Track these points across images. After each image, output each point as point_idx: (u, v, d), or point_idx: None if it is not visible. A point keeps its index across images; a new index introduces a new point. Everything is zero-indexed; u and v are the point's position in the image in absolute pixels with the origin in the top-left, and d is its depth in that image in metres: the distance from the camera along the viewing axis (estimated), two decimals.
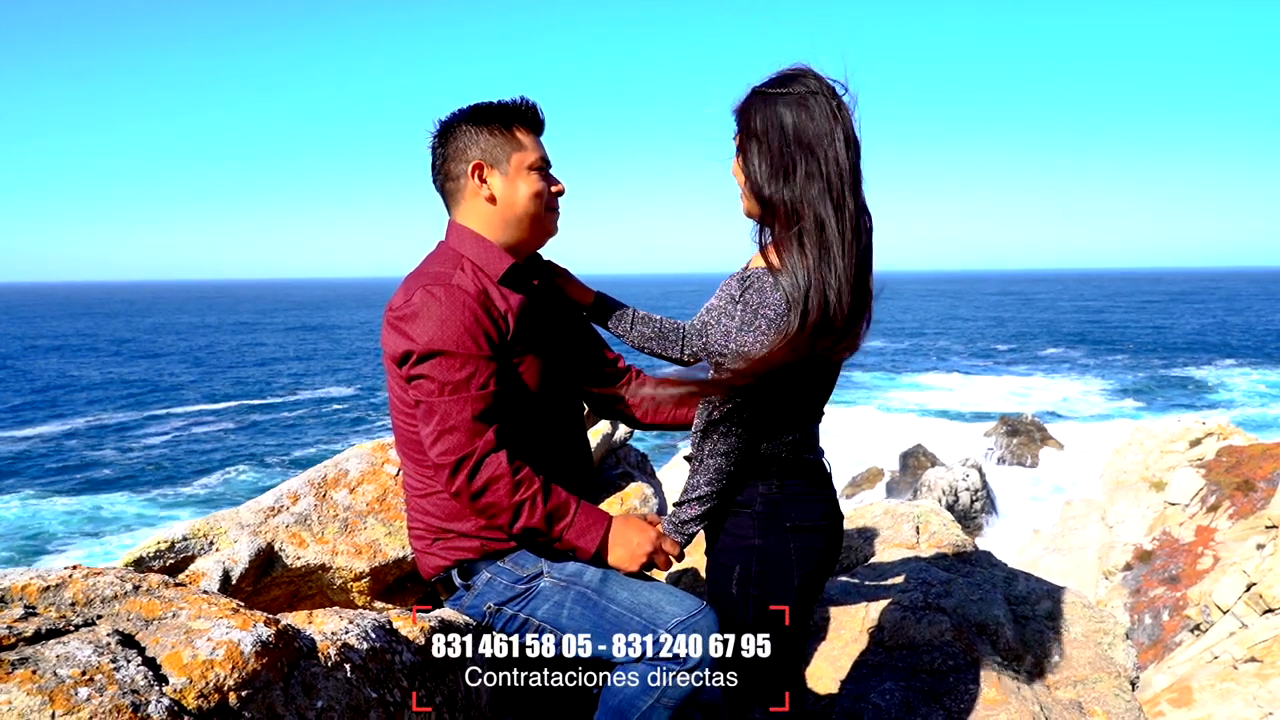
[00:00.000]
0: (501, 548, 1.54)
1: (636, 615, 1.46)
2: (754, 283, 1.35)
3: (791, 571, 1.48)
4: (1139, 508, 16.25)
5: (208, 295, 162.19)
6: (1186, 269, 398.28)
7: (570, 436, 1.64)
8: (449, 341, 1.40)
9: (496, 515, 1.43)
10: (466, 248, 1.52)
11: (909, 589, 2.42)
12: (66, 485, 20.61)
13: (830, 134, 1.34)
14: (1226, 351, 44.87)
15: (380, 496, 1.74)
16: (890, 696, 2.11)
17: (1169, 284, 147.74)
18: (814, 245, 1.33)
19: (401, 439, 1.56)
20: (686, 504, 1.47)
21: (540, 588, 1.51)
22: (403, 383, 1.46)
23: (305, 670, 1.03)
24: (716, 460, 1.42)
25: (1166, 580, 13.34)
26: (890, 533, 2.84)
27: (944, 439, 25.88)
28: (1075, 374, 38.43)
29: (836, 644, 2.34)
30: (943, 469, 21.25)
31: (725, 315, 1.38)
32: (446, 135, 1.54)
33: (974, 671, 2.19)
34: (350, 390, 34.09)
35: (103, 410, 30.26)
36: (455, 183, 1.53)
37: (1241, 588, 10.42)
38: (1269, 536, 11.50)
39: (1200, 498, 14.65)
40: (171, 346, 52.33)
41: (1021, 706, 2.11)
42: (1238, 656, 8.37)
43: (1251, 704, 7.76)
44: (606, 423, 5.16)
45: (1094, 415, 30.20)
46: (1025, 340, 53.11)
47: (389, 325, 1.45)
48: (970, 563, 2.65)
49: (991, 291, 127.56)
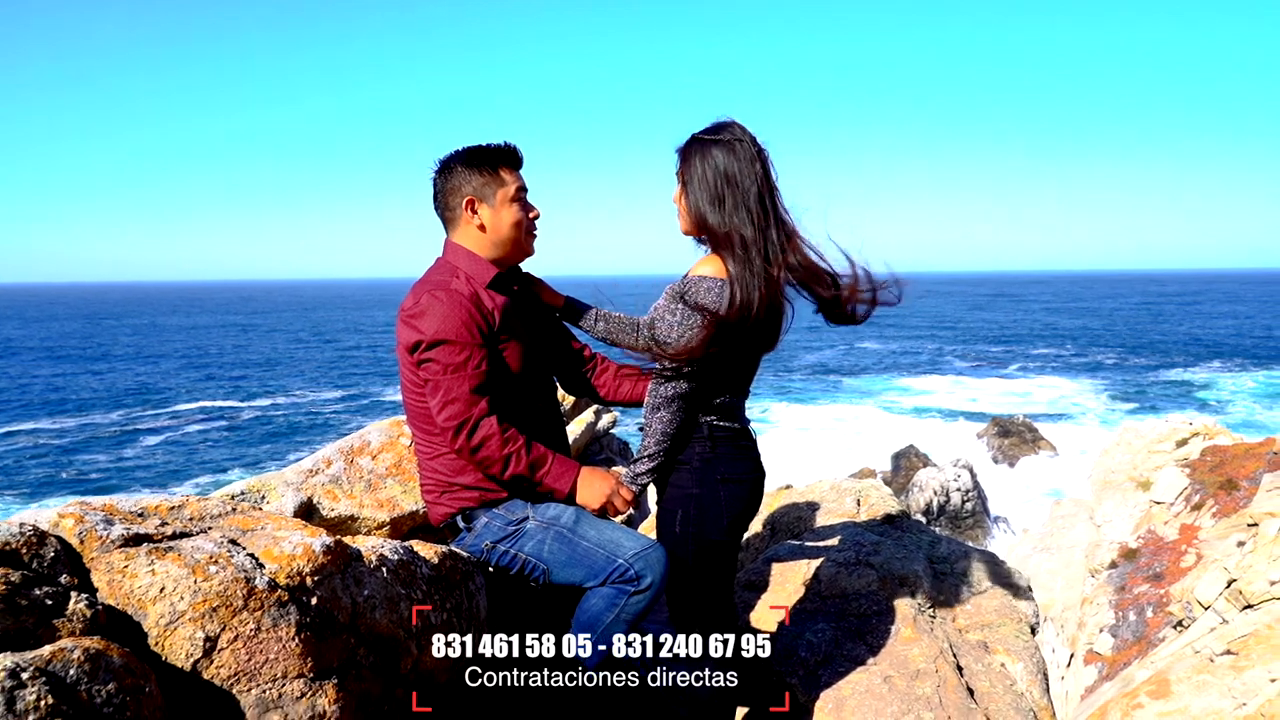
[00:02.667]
0: (496, 498, 1.97)
1: (602, 549, 1.90)
2: (691, 286, 1.79)
3: (723, 514, 1.92)
4: (1126, 507, 16.68)
5: (198, 296, 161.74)
6: (1179, 270, 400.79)
7: (546, 406, 2.09)
8: (449, 332, 1.83)
9: (490, 466, 1.87)
10: (461, 262, 1.96)
11: (844, 549, 2.87)
12: (56, 487, 20.84)
13: (751, 173, 1.79)
14: (1216, 353, 45.47)
15: (396, 462, 2.18)
16: (822, 634, 2.55)
17: (1162, 285, 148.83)
18: (739, 259, 1.77)
19: (413, 414, 1.99)
20: (638, 461, 1.91)
21: (526, 529, 1.95)
22: (414, 367, 1.90)
23: (355, 568, 1.46)
24: (662, 427, 1.86)
25: (1150, 578, 13.78)
26: (834, 505, 3.29)
27: (936, 440, 26.04)
28: (1067, 375, 38.89)
29: (780, 595, 2.78)
30: (934, 469, 21.59)
31: (669, 312, 1.82)
32: (445, 173, 1.98)
33: (894, 615, 2.64)
34: (339, 394, 34.34)
35: (94, 411, 30.48)
36: (452, 212, 1.97)
37: (1222, 584, 10.83)
38: (1249, 534, 11.94)
39: (1185, 497, 15.09)
40: (163, 347, 52.46)
41: (932, 643, 2.56)
42: (1216, 651, 8.76)
43: (1227, 695, 8.16)
44: (591, 413, 5.60)
45: (1085, 416, 30.57)
46: (1018, 342, 53.62)
47: (402, 322, 1.89)
48: (901, 529, 3.10)
49: (985, 293, 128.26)
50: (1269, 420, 27.01)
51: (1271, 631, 9.40)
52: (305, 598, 1.34)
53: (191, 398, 33.25)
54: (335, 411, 30.20)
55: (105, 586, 1.24)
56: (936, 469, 21.62)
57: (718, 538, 1.93)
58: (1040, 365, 42.47)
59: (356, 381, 37.77)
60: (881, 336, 56.93)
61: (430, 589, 1.65)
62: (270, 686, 1.27)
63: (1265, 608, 10.26)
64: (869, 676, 2.43)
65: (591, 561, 1.90)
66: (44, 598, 1.15)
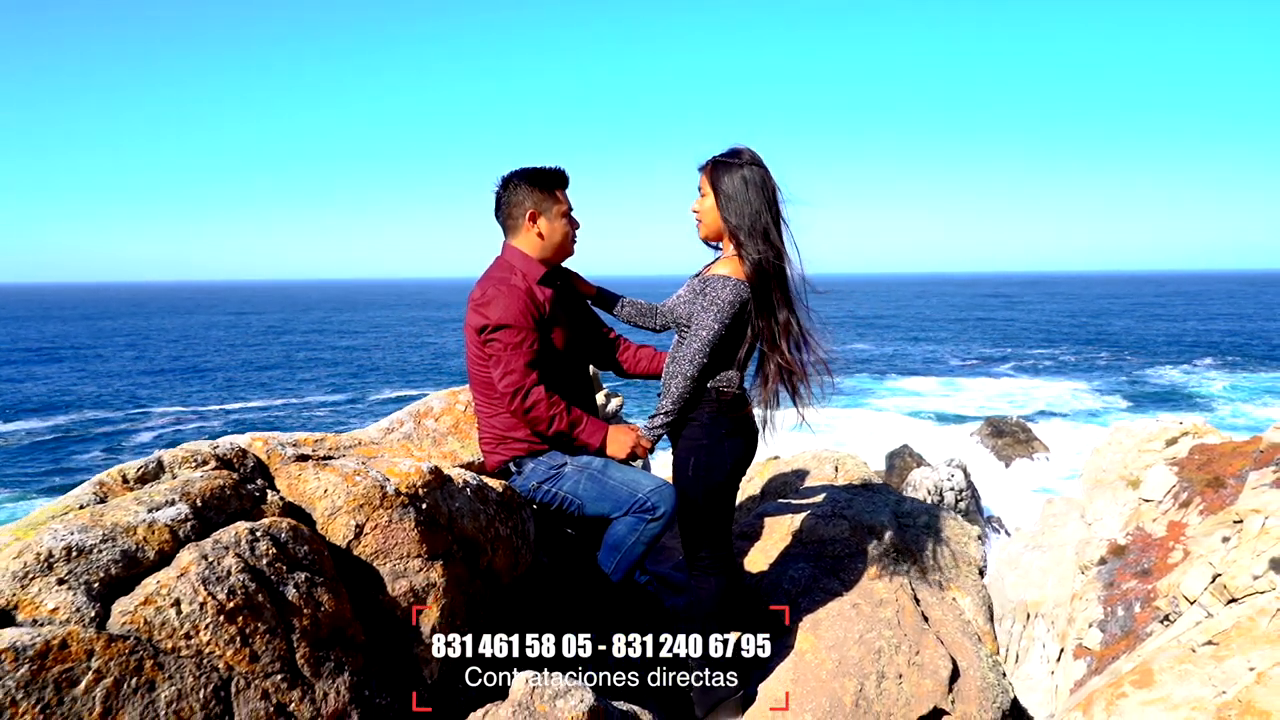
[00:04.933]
0: (540, 449, 2.52)
1: (625, 486, 2.45)
2: (712, 282, 2.33)
3: (725, 461, 2.47)
4: (1116, 505, 17.18)
5: (196, 296, 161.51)
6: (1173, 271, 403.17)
7: (581, 379, 2.64)
8: (510, 318, 2.38)
9: (538, 424, 2.42)
10: (517, 261, 2.51)
11: (822, 505, 3.43)
12: (48, 484, 21.17)
13: (761, 191, 2.33)
14: (1208, 353, 46.20)
15: (454, 423, 2.72)
16: (802, 572, 3.10)
17: (1157, 286, 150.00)
18: (749, 261, 2.31)
19: (476, 381, 2.54)
20: (656, 417, 2.45)
21: (565, 472, 2.50)
22: (480, 345, 2.44)
23: (449, 486, 2.01)
24: (678, 391, 2.40)
25: (1139, 574, 14.29)
26: (816, 470, 3.85)
27: (930, 439, 26.44)
28: (1061, 376, 39.50)
29: (769, 542, 3.34)
30: (929, 469, 22.05)
31: (689, 302, 2.36)
32: (509, 186, 2.51)
33: (863, 557, 3.19)
34: (339, 396, 34.73)
35: (86, 409, 30.85)
36: (515, 221, 2.50)
37: (1207, 579, 11.31)
38: (1235, 530, 12.44)
39: (1173, 494, 15.60)
40: (157, 348, 52.76)
41: (894, 579, 3.11)
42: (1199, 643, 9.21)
43: (1208, 684, 8.64)
44: (601, 396, 6.16)
45: (1078, 416, 31.11)
46: (1012, 343, 54.31)
47: (472, 309, 2.43)
48: (871, 489, 3.66)
49: (979, 294, 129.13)
50: (1258, 418, 27.68)
51: (1252, 623, 9.96)
52: (418, 503, 1.88)
53: (184, 398, 33.64)
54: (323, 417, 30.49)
55: (285, 488, 1.78)
56: (931, 468, 22.12)
57: (721, 479, 2.48)
58: (1034, 365, 43.12)
59: (350, 384, 38.17)
60: (875, 338, 57.58)
61: (498, 509, 2.19)
62: (399, 562, 1.81)
63: (1248, 601, 10.79)
64: (840, 604, 2.98)
65: (617, 496, 2.44)
66: (253, 491, 1.69)
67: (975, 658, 2.98)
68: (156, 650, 1.35)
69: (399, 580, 1.79)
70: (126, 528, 1.43)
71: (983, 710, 2.82)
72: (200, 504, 1.56)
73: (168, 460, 1.69)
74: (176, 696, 1.34)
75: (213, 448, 1.74)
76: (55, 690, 1.24)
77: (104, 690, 1.28)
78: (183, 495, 1.54)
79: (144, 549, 1.44)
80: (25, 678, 1.22)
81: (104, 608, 1.36)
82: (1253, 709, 6.28)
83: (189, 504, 1.53)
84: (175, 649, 1.38)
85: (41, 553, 1.35)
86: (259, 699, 1.43)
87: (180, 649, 1.38)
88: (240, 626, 1.44)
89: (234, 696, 1.41)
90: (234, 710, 1.40)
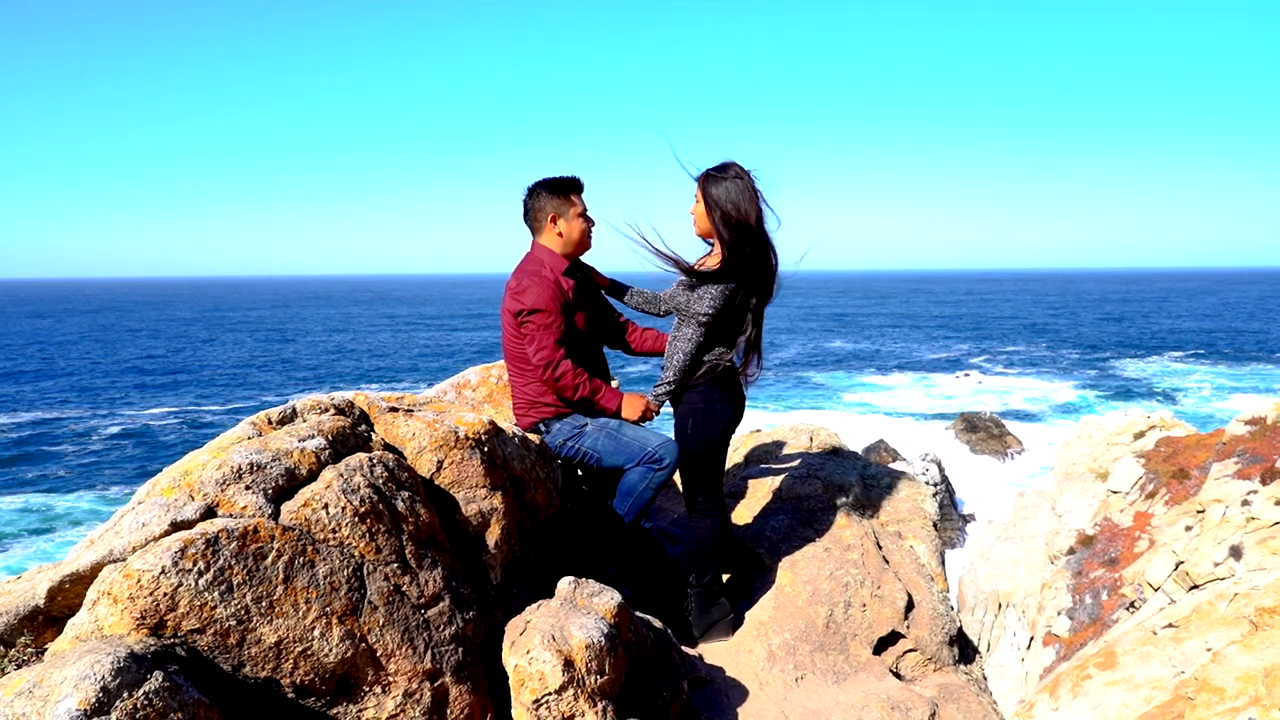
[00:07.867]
0: (565, 412, 3.08)
1: (636, 442, 3.02)
2: (705, 275, 2.89)
3: (719, 421, 3.05)
4: (1085, 497, 17.93)
5: (168, 293, 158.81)
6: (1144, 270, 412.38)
7: (598, 354, 3.20)
8: (542, 304, 2.93)
9: (565, 391, 2.97)
10: (545, 256, 3.06)
11: (799, 468, 4.03)
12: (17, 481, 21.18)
13: (749, 200, 2.89)
14: (1177, 347, 47.78)
15: (489, 393, 3.27)
16: (781, 522, 3.70)
17: (1127, 284, 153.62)
18: (734, 256, 2.88)
19: (511, 356, 3.09)
20: (660, 384, 3.02)
21: (586, 431, 3.06)
22: (516, 326, 2.99)
23: (503, 435, 2.56)
24: (679, 363, 2.97)
25: (1106, 563, 15.06)
26: (793, 441, 4.45)
27: (905, 435, 27.18)
28: (1034, 371, 40.68)
29: (753, 499, 3.93)
30: (903, 464, 22.87)
31: (689, 289, 2.93)
32: (532, 195, 3.07)
33: (834, 511, 3.79)
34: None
35: (55, 406, 30.68)
36: (539, 223, 3.06)
37: (1171, 567, 12.00)
38: (1197, 520, 13.20)
39: (1139, 485, 16.38)
40: (131, 345, 52.21)
41: (860, 528, 3.71)
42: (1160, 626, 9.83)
43: (1168, 664, 9.29)
44: None
45: (1050, 411, 32.11)
46: (986, 339, 55.65)
47: (510, 296, 2.98)
48: (841, 455, 4.27)
49: (954, 291, 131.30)
50: (1222, 411, 28.91)
51: (1211, 607, 10.67)
52: (482, 446, 2.44)
53: (155, 395, 33.55)
54: None
55: (383, 431, 2.32)
56: (905, 463, 22.93)
57: (715, 436, 3.06)
58: (1007, 361, 44.32)
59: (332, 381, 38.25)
60: (851, 334, 58.61)
61: (537, 456, 2.75)
62: (470, 491, 2.36)
63: (1209, 587, 11.48)
64: (814, 548, 3.58)
65: (630, 450, 3.01)
66: (362, 432, 2.23)
67: (928, 593, 3.59)
68: (313, 539, 1.89)
69: (470, 505, 2.34)
70: (286, 452, 1.97)
71: (933, 634, 3.44)
72: (331, 439, 2.10)
73: (299, 407, 2.23)
74: (329, 573, 1.88)
75: (331, 399, 2.28)
76: (255, 559, 1.78)
77: (284, 563, 1.82)
78: (319, 431, 2.08)
79: (299, 467, 1.98)
80: (235, 549, 1.76)
81: (275, 508, 1.90)
82: (1208, 685, 6.90)
83: (324, 438, 2.07)
84: (325, 540, 1.92)
85: (234, 466, 1.88)
86: (382, 580, 1.98)
87: (329, 540, 1.92)
88: (369, 526, 1.98)
89: (366, 576, 1.95)
90: (366, 586, 1.94)
